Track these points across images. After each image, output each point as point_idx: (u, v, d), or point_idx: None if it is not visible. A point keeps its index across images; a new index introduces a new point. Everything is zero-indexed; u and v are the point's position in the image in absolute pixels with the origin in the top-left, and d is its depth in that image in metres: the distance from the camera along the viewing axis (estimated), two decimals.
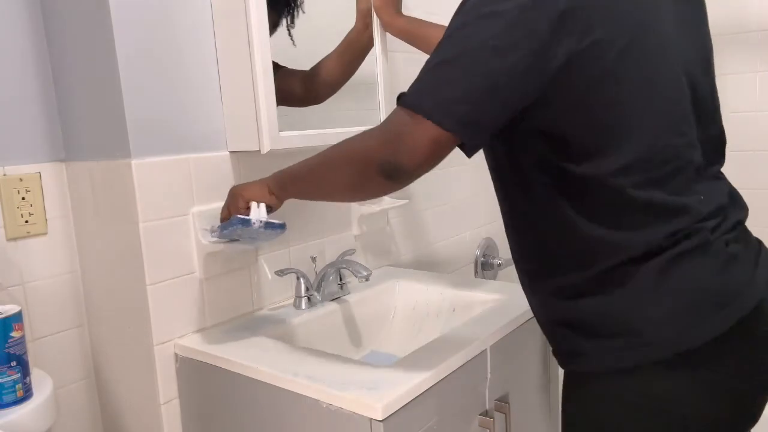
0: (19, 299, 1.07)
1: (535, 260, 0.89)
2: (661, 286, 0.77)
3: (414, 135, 0.74)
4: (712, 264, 0.77)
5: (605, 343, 0.80)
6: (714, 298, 0.76)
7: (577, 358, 0.84)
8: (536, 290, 0.90)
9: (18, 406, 0.90)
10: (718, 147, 0.89)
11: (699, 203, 0.78)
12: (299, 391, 0.94)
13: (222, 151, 1.19)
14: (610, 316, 0.79)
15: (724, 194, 0.84)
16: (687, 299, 0.76)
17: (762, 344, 0.78)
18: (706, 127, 0.84)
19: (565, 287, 0.84)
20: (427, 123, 0.73)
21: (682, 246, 0.76)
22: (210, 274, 1.17)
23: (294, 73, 1.26)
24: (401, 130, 0.76)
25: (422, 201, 1.73)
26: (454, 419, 1.02)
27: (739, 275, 0.78)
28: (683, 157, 0.78)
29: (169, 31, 1.09)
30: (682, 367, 0.76)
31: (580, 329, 0.83)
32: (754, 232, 0.87)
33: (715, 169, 0.87)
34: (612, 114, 0.75)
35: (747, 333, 0.77)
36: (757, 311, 0.77)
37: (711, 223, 0.78)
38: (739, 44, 1.92)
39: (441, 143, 0.74)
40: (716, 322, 0.75)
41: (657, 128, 0.76)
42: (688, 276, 0.76)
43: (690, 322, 0.76)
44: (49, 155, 1.13)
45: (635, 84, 0.75)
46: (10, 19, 1.07)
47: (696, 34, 0.86)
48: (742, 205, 0.88)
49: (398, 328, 1.41)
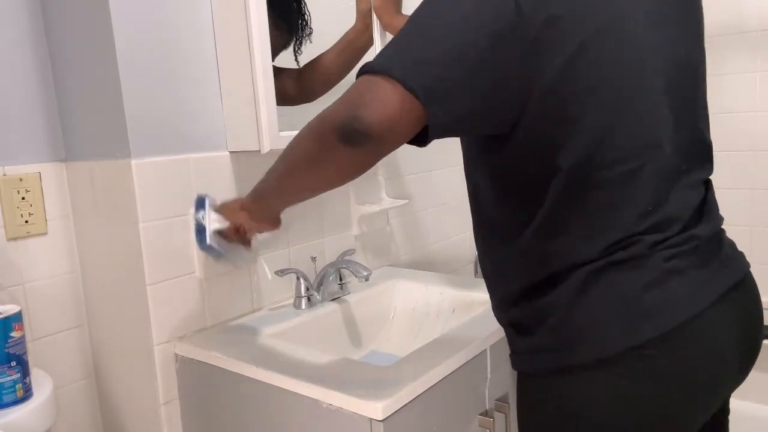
0: (19, 299, 1.07)
1: (490, 264, 0.90)
2: (587, 292, 0.76)
3: (376, 91, 0.68)
4: (644, 276, 0.75)
5: (535, 345, 0.82)
6: (638, 309, 0.74)
7: (514, 356, 0.87)
8: (492, 293, 0.92)
9: (18, 406, 0.90)
10: (701, 154, 0.85)
11: (642, 216, 0.76)
12: (299, 391, 0.94)
13: (222, 151, 1.19)
14: (542, 320, 0.80)
15: (689, 206, 0.80)
16: (610, 308, 0.75)
17: (694, 361, 0.75)
18: (685, 131, 0.81)
19: (512, 293, 0.85)
20: (389, 81, 0.68)
21: (615, 256, 0.76)
22: (210, 274, 1.17)
23: (286, 72, 1.26)
24: (361, 91, 0.70)
25: (422, 201, 1.73)
26: (454, 419, 1.02)
27: (674, 290, 0.75)
28: (643, 157, 0.76)
29: (169, 31, 1.09)
30: (601, 374, 0.76)
31: (519, 331, 0.85)
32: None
33: (695, 176, 0.82)
34: (562, 108, 0.73)
35: (674, 348, 0.74)
36: (689, 327, 0.74)
37: (652, 237, 0.76)
38: (739, 44, 1.92)
39: (403, 104, 0.68)
40: (636, 333, 0.74)
41: (607, 127, 0.74)
42: (615, 286, 0.75)
43: (611, 330, 0.75)
44: (49, 155, 1.13)
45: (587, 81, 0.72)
46: (10, 19, 1.07)
47: (681, 38, 0.83)
48: (712, 219, 0.83)
49: (398, 328, 1.41)
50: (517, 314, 0.85)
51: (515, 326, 0.86)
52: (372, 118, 0.68)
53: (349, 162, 0.74)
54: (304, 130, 0.78)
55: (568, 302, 0.77)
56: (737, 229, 1.85)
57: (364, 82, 0.70)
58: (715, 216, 0.85)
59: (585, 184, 0.75)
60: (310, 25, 1.29)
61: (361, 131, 0.68)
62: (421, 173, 1.71)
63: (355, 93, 0.71)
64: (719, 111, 1.94)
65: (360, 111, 0.68)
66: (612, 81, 0.74)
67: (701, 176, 0.84)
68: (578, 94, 0.72)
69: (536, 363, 0.82)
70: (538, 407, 0.84)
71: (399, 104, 0.68)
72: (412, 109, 0.68)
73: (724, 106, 1.96)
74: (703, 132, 0.86)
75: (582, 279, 0.76)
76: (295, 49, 1.28)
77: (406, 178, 1.66)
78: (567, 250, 0.77)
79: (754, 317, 0.84)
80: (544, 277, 0.80)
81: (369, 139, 0.69)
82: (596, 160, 0.74)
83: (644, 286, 0.75)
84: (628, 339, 0.74)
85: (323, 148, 0.74)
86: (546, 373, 0.81)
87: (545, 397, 0.82)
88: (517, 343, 0.86)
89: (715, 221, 0.84)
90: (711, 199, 0.85)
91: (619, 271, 0.75)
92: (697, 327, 0.75)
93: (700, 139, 0.85)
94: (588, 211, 0.76)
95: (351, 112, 0.69)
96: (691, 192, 0.82)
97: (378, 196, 1.56)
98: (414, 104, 0.68)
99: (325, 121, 0.73)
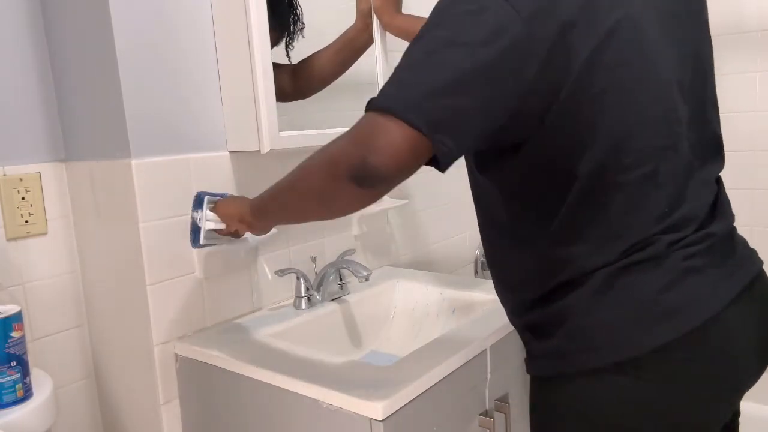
0: (19, 299, 1.07)
1: (503, 270, 0.90)
2: (604, 295, 0.76)
3: (384, 135, 0.69)
4: (662, 277, 0.75)
5: (553, 348, 0.81)
6: (657, 310, 0.74)
7: (532, 361, 0.86)
8: (507, 299, 0.92)
9: (18, 406, 0.90)
10: (713, 150, 0.86)
11: (660, 217, 0.76)
12: (299, 391, 0.94)
13: (222, 151, 1.19)
14: (560, 323, 0.80)
15: (704, 204, 0.81)
16: (629, 310, 0.75)
17: (715, 361, 0.75)
18: (698, 127, 0.81)
19: (527, 298, 0.85)
20: (396, 122, 0.68)
21: (633, 257, 0.75)
22: (210, 274, 1.17)
23: (281, 68, 1.26)
24: (371, 132, 0.70)
25: (422, 201, 1.73)
26: (454, 419, 1.02)
27: (693, 289, 0.75)
28: (660, 158, 0.76)
29: (170, 30, 1.09)
30: (621, 377, 0.75)
31: (536, 334, 0.84)
32: (754, 233, 0.87)
33: (706, 172, 0.83)
34: (579, 115, 0.72)
35: (696, 348, 0.74)
36: (710, 326, 0.74)
37: (669, 237, 0.76)
38: (739, 44, 1.92)
39: (410, 142, 0.68)
40: (657, 334, 0.73)
41: (624, 131, 0.74)
42: (633, 287, 0.75)
43: (630, 332, 0.75)
44: (49, 155, 1.13)
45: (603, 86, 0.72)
46: (10, 19, 1.07)
47: (690, 33, 0.83)
48: (725, 217, 0.84)
49: (398, 328, 1.41)
50: (534, 318, 0.84)
51: (532, 330, 0.85)
52: (384, 163, 0.69)
53: (360, 200, 0.75)
54: (315, 163, 0.78)
55: (586, 305, 0.77)
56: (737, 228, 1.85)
57: (372, 121, 0.70)
58: (728, 213, 0.85)
59: (602, 190, 0.75)
60: (302, 20, 1.28)
61: (375, 176, 0.69)
62: (421, 173, 1.69)
63: (364, 134, 0.71)
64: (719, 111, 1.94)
65: (372, 157, 0.69)
66: (626, 84, 0.73)
67: (714, 172, 0.85)
68: (594, 100, 0.72)
69: (554, 367, 0.81)
70: (556, 411, 0.83)
71: (407, 144, 0.68)
72: (419, 145, 0.69)
73: (724, 106, 1.94)
74: (714, 126, 0.86)
75: (600, 282, 0.76)
76: (287, 45, 1.27)
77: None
78: (584, 255, 0.77)
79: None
80: (561, 282, 0.79)
81: (382, 182, 0.71)
82: (613, 164, 0.74)
83: (663, 287, 0.75)
84: (648, 341, 0.73)
85: (336, 188, 0.74)
86: (564, 376, 0.80)
87: (563, 401, 0.81)
88: (534, 348, 0.85)
89: (728, 218, 0.85)
90: (723, 195, 0.86)
91: (637, 273, 0.75)
92: (717, 326, 0.75)
93: (712, 134, 0.86)
94: (605, 215, 0.76)
95: (363, 158, 0.69)
96: (705, 189, 0.82)
97: None
98: (421, 140, 0.68)
99: (338, 163, 0.73)
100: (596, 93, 0.72)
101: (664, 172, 0.76)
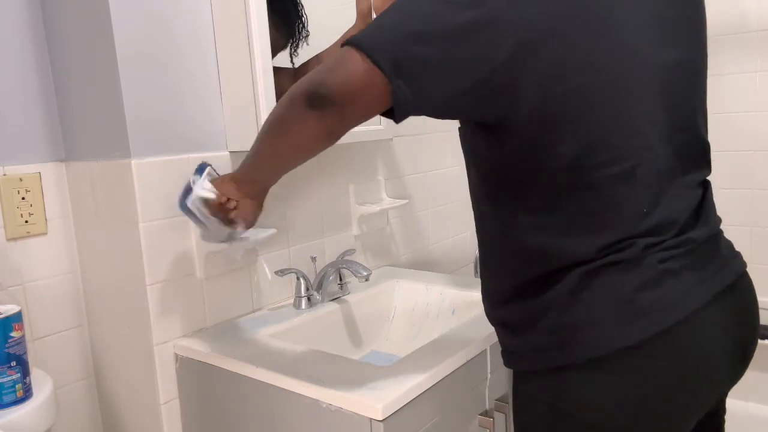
0: (19, 299, 1.07)
1: (483, 259, 0.91)
2: (582, 292, 0.76)
3: (347, 64, 0.71)
4: (639, 276, 0.75)
5: (528, 343, 0.82)
6: (631, 309, 0.75)
7: (507, 354, 0.87)
8: (485, 291, 0.92)
9: (18, 406, 0.90)
10: (699, 155, 0.85)
11: (638, 217, 0.76)
12: (299, 391, 0.94)
13: (222, 151, 1.19)
14: (533, 319, 0.80)
15: (686, 209, 0.80)
16: (605, 308, 0.75)
17: (681, 362, 0.75)
18: (682, 132, 0.81)
19: (505, 290, 0.85)
20: (359, 52, 0.70)
21: (609, 258, 0.76)
22: (210, 274, 1.17)
23: (283, 71, 1.26)
24: (336, 60, 0.73)
25: (422, 201, 1.73)
26: (454, 419, 1.03)
27: (668, 290, 0.75)
28: (638, 158, 0.75)
29: (169, 31, 1.09)
30: (595, 373, 0.76)
31: (511, 329, 0.85)
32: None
33: (691, 177, 0.82)
34: (555, 107, 0.73)
35: (663, 348, 0.74)
36: (679, 328, 0.74)
37: (647, 240, 0.76)
38: (739, 44, 1.92)
39: (367, 74, 0.70)
40: (630, 333, 0.74)
41: (600, 127, 0.74)
42: (610, 287, 0.76)
43: (605, 329, 0.75)
44: (49, 155, 1.13)
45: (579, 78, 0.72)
46: (10, 19, 1.07)
47: (683, 38, 0.82)
48: (709, 222, 0.83)
49: (398, 328, 1.41)
50: (509, 313, 0.85)
51: (506, 324, 0.86)
52: (334, 82, 0.72)
53: (315, 127, 0.76)
54: (282, 97, 0.81)
55: (562, 302, 0.77)
56: (737, 229, 1.85)
57: (341, 53, 0.73)
58: (712, 218, 0.84)
59: (580, 184, 0.75)
60: (307, 27, 1.31)
61: (323, 94, 0.72)
62: (421, 173, 1.71)
63: (328, 64, 0.74)
64: (719, 111, 1.94)
65: (327, 79, 0.72)
66: (604, 81, 0.73)
67: (698, 177, 0.84)
68: (570, 94, 0.72)
69: (529, 361, 0.82)
70: (531, 405, 0.84)
71: (362, 73, 0.70)
72: (375, 82, 0.70)
73: (724, 106, 1.96)
74: (701, 132, 0.85)
75: (577, 279, 0.76)
76: (292, 51, 1.29)
77: (406, 178, 1.66)
78: (562, 250, 0.77)
79: (749, 318, 0.84)
80: (537, 276, 0.80)
81: (331, 103, 0.72)
82: (590, 160, 0.74)
83: (639, 286, 0.75)
84: (622, 338, 0.74)
85: (292, 111, 0.77)
86: (539, 371, 0.81)
87: (538, 395, 0.82)
88: (509, 342, 0.86)
89: (712, 223, 0.84)
90: (709, 200, 0.85)
91: (613, 272, 0.75)
92: (691, 327, 0.75)
93: (698, 140, 0.85)
94: (583, 211, 0.76)
95: (320, 80, 0.73)
96: (688, 193, 0.81)
97: (378, 196, 1.56)
98: (379, 77, 0.70)
99: (297, 86, 0.76)
100: (571, 88, 0.72)
101: (643, 173, 0.76)
